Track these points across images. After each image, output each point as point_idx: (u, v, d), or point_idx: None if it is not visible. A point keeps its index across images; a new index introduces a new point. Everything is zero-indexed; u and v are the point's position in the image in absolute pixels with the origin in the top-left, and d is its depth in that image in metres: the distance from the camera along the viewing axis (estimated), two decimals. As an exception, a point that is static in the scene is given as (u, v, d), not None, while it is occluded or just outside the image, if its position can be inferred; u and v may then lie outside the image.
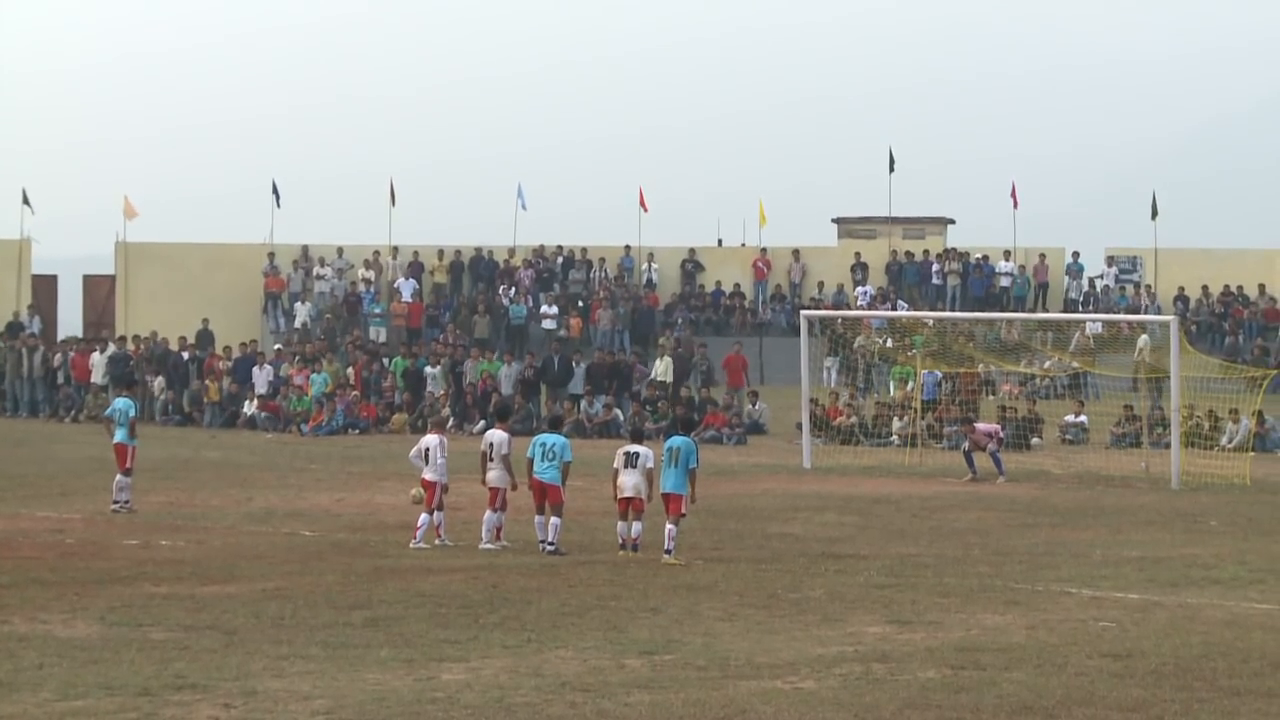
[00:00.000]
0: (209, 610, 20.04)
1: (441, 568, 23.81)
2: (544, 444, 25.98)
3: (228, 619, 19.46)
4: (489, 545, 25.97)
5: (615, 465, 25.79)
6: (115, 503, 30.52)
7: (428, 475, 26.42)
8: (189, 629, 18.83)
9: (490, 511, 26.24)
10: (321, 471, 37.95)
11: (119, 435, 31.24)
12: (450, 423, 49.24)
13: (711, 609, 20.50)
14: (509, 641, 18.22)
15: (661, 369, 51.13)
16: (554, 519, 25.64)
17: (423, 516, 26.27)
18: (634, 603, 20.88)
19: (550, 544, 25.51)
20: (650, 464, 25.47)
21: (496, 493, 26.24)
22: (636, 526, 25.52)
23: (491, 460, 26.41)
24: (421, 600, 20.85)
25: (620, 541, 25.56)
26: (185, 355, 54.10)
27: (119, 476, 30.83)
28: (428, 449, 26.61)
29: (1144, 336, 53.86)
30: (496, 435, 26.70)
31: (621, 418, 47.78)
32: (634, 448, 25.80)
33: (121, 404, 32.04)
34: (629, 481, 25.44)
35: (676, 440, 25.79)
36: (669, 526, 24.85)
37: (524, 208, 65.76)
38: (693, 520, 27.50)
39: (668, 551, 24.68)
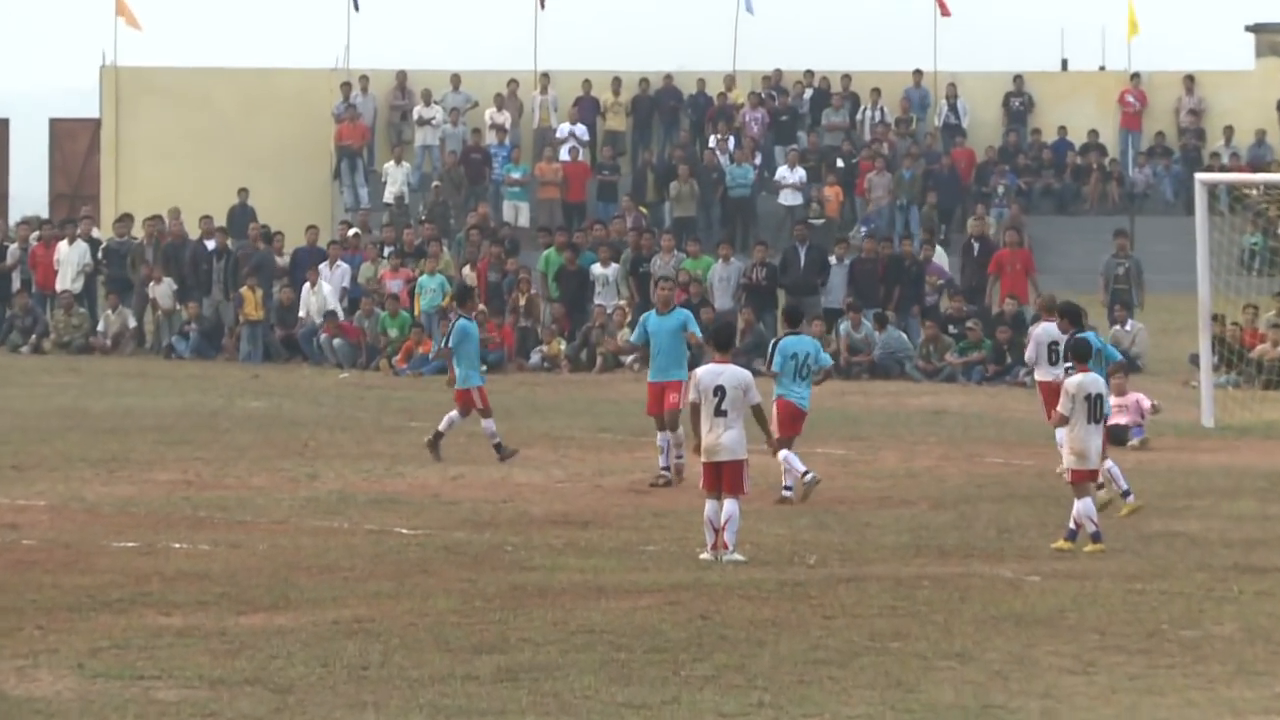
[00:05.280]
0: (249, 654, 20.22)
1: (618, 587, 23.84)
2: (794, 354, 28.01)
3: (279, 668, 19.61)
4: (737, 556, 25.96)
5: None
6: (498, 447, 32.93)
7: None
8: (218, 684, 18.99)
9: (731, 500, 26.03)
10: (427, 432, 38.10)
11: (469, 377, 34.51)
12: (634, 358, 49.34)
13: (1054, 654, 20.45)
14: (728, 707, 18.20)
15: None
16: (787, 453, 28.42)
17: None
18: (929, 643, 20.83)
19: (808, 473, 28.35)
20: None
21: (735, 468, 26.13)
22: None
23: (722, 413, 26.09)
24: (588, 639, 20.90)
25: None
26: (210, 246, 54.47)
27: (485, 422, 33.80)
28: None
29: None
30: (729, 374, 26.14)
31: (910, 345, 47.73)
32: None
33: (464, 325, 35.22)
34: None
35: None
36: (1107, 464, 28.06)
37: (750, 10, 65.87)
38: (994, 508, 27.45)
39: (1127, 493, 28.74)
